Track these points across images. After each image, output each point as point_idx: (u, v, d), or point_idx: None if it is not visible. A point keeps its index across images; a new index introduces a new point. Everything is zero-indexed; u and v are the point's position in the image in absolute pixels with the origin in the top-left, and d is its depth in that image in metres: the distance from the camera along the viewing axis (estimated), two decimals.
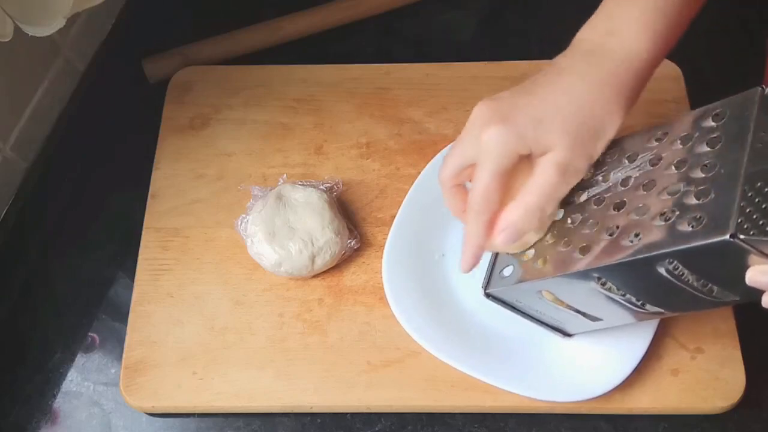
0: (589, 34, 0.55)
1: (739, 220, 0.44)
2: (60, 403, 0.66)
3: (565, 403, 0.61)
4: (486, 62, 0.78)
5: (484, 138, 0.52)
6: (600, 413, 0.63)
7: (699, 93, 0.74)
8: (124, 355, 0.65)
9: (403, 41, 0.84)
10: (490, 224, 0.54)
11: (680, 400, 0.62)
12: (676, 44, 0.56)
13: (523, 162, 0.53)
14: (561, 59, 0.55)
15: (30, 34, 0.59)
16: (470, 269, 0.57)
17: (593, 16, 0.56)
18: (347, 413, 0.64)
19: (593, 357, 0.62)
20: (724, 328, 0.64)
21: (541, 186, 0.52)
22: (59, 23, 0.59)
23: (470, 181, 0.55)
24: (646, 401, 0.62)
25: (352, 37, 0.83)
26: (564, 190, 0.54)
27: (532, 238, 0.56)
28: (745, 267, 0.45)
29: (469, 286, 0.65)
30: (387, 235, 0.68)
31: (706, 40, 0.79)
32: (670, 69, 0.75)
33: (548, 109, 0.53)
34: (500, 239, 0.54)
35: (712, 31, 0.79)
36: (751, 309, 0.48)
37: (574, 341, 0.62)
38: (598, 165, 0.56)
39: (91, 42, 0.78)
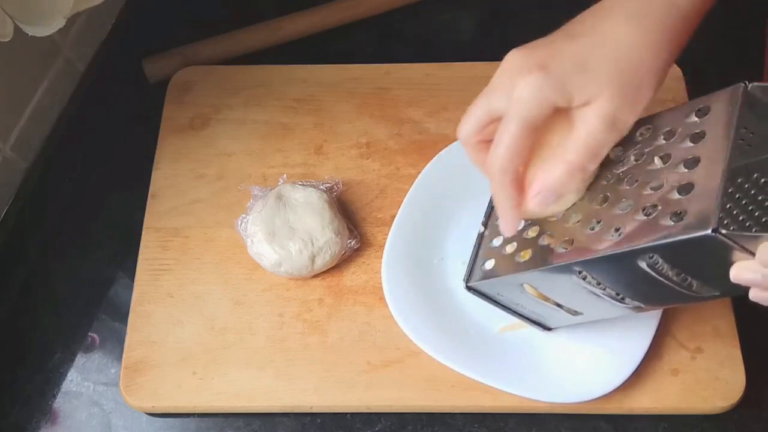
0: None
1: (720, 215, 0.44)
2: (60, 403, 0.66)
3: (565, 404, 0.61)
4: (486, 62, 0.77)
5: (517, 88, 0.47)
6: (600, 413, 0.63)
7: (699, 93, 0.73)
8: (124, 355, 0.65)
9: (403, 41, 0.84)
10: (518, 184, 0.49)
11: (680, 400, 0.62)
12: None
13: (559, 118, 0.49)
14: (602, 2, 0.50)
15: (30, 34, 0.59)
16: (512, 233, 0.52)
17: None
18: (347, 413, 0.64)
19: (593, 358, 0.62)
20: (724, 328, 0.64)
21: (584, 141, 0.47)
22: (59, 23, 0.59)
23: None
24: (646, 401, 0.62)
25: (352, 37, 0.83)
26: (608, 147, 0.49)
27: (571, 199, 0.54)
28: (726, 262, 0.45)
29: None
30: (387, 235, 0.68)
31: (706, 40, 0.79)
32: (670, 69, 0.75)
33: (592, 54, 0.47)
34: (534, 203, 0.49)
35: (712, 31, 0.79)
36: (751, 308, 0.48)
37: (574, 343, 0.62)
38: None
39: (91, 42, 0.78)
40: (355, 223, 0.70)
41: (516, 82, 0.47)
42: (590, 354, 0.62)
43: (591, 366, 0.62)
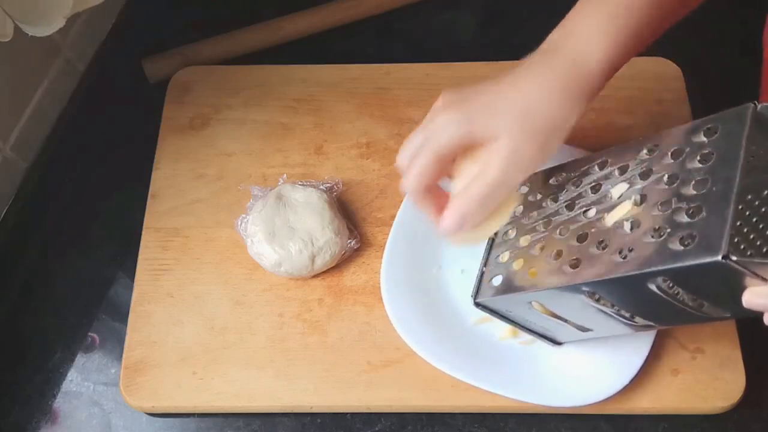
0: (554, 34, 0.56)
1: (735, 239, 0.44)
2: (60, 403, 0.66)
3: (566, 407, 0.61)
4: (486, 62, 0.77)
5: (435, 122, 0.54)
6: (600, 413, 0.63)
7: (699, 93, 0.74)
8: (124, 355, 0.65)
9: (403, 41, 0.84)
10: (432, 198, 0.55)
11: (680, 400, 0.62)
12: (666, 44, 0.55)
13: (479, 153, 0.54)
14: (529, 58, 0.56)
15: (30, 34, 0.59)
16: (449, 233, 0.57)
17: (565, 18, 0.56)
18: (347, 413, 0.64)
19: (593, 363, 0.62)
20: (724, 328, 0.64)
21: (485, 175, 0.53)
22: (59, 23, 0.59)
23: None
24: (646, 401, 0.62)
25: (352, 37, 0.83)
26: (512, 181, 0.53)
27: (493, 227, 0.57)
28: (737, 286, 0.45)
29: (467, 294, 0.62)
30: (387, 235, 0.68)
31: (706, 40, 0.79)
32: (670, 69, 0.75)
33: (503, 100, 0.53)
34: (444, 226, 0.54)
35: (712, 31, 0.80)
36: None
37: (575, 348, 0.62)
38: (588, 176, 0.56)
39: (91, 42, 0.79)
40: (355, 223, 0.70)
41: (435, 119, 0.54)
42: (591, 359, 0.62)
43: (592, 371, 0.61)
